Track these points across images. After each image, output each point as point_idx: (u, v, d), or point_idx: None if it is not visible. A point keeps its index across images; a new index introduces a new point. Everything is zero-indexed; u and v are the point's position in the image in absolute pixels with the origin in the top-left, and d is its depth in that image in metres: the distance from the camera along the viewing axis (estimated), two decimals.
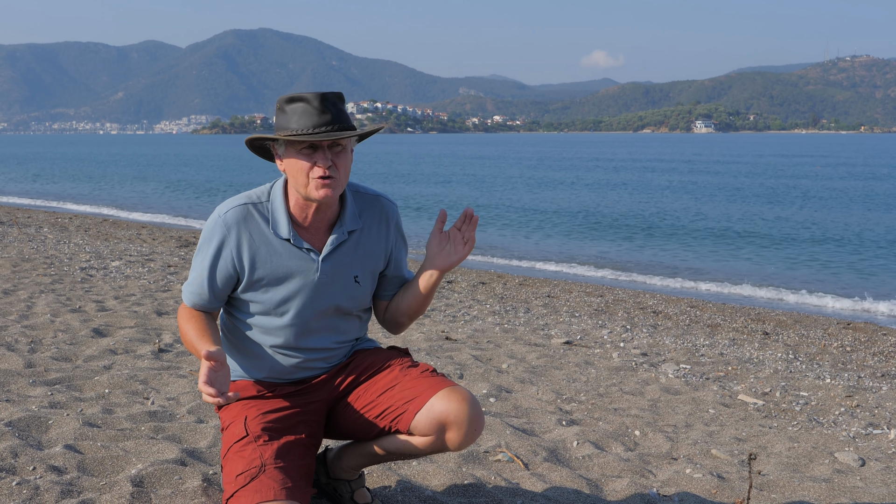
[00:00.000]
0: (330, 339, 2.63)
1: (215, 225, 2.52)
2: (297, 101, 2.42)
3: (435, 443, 2.53)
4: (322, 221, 2.55)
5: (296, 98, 2.43)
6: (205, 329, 2.47)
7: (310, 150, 2.41)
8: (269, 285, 2.52)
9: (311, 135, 2.37)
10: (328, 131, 2.39)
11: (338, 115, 2.42)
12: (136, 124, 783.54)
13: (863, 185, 34.91)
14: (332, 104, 2.42)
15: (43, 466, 2.96)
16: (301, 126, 2.39)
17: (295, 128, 2.40)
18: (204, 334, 2.45)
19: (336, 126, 2.41)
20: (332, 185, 2.42)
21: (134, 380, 4.30)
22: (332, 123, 2.40)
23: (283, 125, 2.43)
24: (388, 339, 5.87)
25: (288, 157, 2.44)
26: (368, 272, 2.63)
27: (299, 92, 2.46)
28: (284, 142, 2.44)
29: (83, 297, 6.82)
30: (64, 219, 16.60)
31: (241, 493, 2.29)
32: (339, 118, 2.42)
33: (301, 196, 2.48)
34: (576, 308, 8.64)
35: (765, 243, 16.91)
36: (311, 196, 2.43)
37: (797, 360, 6.48)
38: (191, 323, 2.50)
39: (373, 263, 2.63)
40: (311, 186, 2.42)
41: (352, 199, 2.60)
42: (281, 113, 2.45)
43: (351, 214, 2.58)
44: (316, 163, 2.40)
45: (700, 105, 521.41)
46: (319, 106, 2.40)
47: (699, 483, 3.44)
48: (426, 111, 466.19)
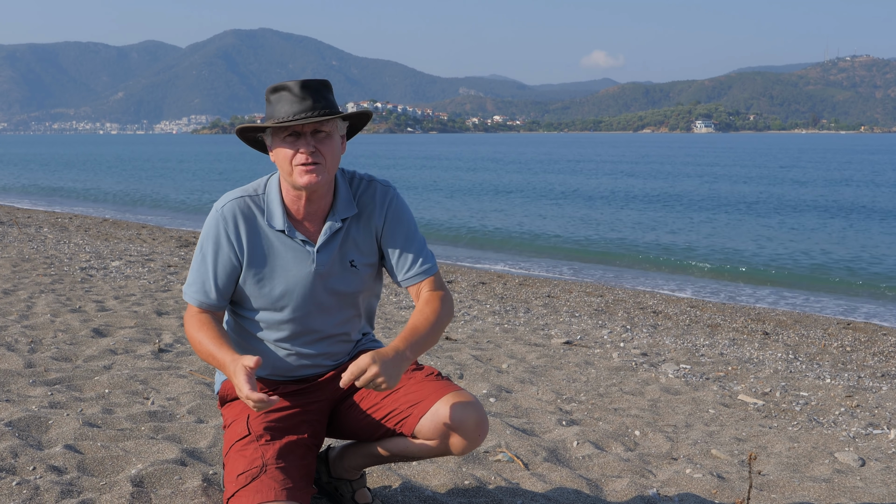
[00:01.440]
0: (332, 332, 2.61)
1: (214, 219, 2.52)
2: (280, 90, 2.42)
3: (439, 447, 2.52)
4: (316, 212, 2.53)
5: (279, 87, 2.43)
6: (219, 337, 2.44)
7: (293, 138, 2.41)
8: (267, 277, 2.52)
9: (291, 122, 2.36)
10: (308, 117, 2.38)
11: (319, 100, 2.41)
12: (137, 124, 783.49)
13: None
14: (313, 90, 2.41)
15: (43, 466, 2.95)
16: (283, 114, 2.39)
17: (278, 116, 2.39)
18: (221, 343, 2.41)
19: (318, 112, 2.39)
20: (315, 171, 2.40)
21: (134, 380, 4.30)
22: (314, 109, 2.39)
23: (270, 115, 2.43)
24: (390, 339, 5.87)
25: (275, 146, 2.45)
26: (366, 255, 2.60)
27: (284, 81, 2.46)
28: (271, 132, 2.45)
29: (83, 297, 6.82)
30: (64, 219, 16.60)
31: (242, 493, 2.29)
32: (322, 104, 2.41)
33: (289, 185, 2.48)
34: (576, 308, 8.65)
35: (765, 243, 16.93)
36: (297, 183, 2.42)
37: (797, 360, 6.48)
38: (203, 332, 2.46)
39: (368, 247, 2.59)
40: (295, 174, 2.41)
41: (345, 187, 2.57)
42: (268, 104, 2.46)
43: (344, 202, 2.55)
44: (299, 149, 2.40)
45: (700, 105, 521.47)
46: (300, 93, 2.39)
47: (699, 483, 3.44)
48: (426, 111, 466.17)
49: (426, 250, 2.63)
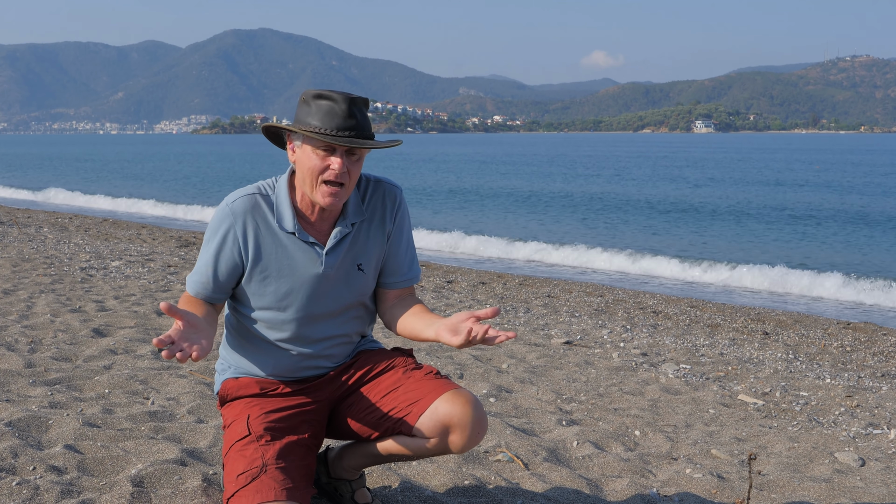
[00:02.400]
0: (333, 333, 2.62)
1: (223, 213, 2.50)
2: (325, 99, 2.38)
3: (438, 445, 2.53)
4: (327, 217, 2.54)
5: (324, 95, 2.39)
6: (194, 308, 2.44)
7: (326, 152, 2.38)
8: (273, 277, 2.51)
9: (333, 136, 2.34)
10: (351, 136, 2.36)
11: (362, 121, 2.39)
12: (136, 124, 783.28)
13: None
14: (358, 110, 2.39)
15: (43, 466, 2.95)
16: (325, 125, 2.36)
17: (318, 125, 2.36)
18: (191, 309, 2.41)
19: (358, 133, 2.37)
20: (339, 194, 2.41)
21: (134, 380, 4.30)
22: (356, 129, 2.37)
23: (304, 119, 2.39)
24: (389, 339, 5.87)
25: (303, 152, 2.42)
26: (373, 259, 2.61)
27: (329, 90, 2.42)
28: (303, 136, 2.42)
29: (83, 297, 6.82)
30: (64, 219, 16.60)
31: (242, 493, 2.29)
32: (363, 126, 2.38)
33: (307, 194, 2.47)
34: (576, 308, 8.64)
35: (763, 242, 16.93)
36: (317, 200, 2.42)
37: (797, 360, 6.48)
38: (187, 306, 2.48)
39: (377, 250, 2.61)
40: (318, 191, 2.40)
41: (355, 191, 2.58)
42: (305, 106, 2.41)
43: (354, 207, 2.56)
44: (330, 166, 2.38)
45: (700, 105, 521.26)
46: (346, 109, 2.36)
47: (699, 483, 3.44)
48: (426, 111, 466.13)
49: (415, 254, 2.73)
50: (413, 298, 2.69)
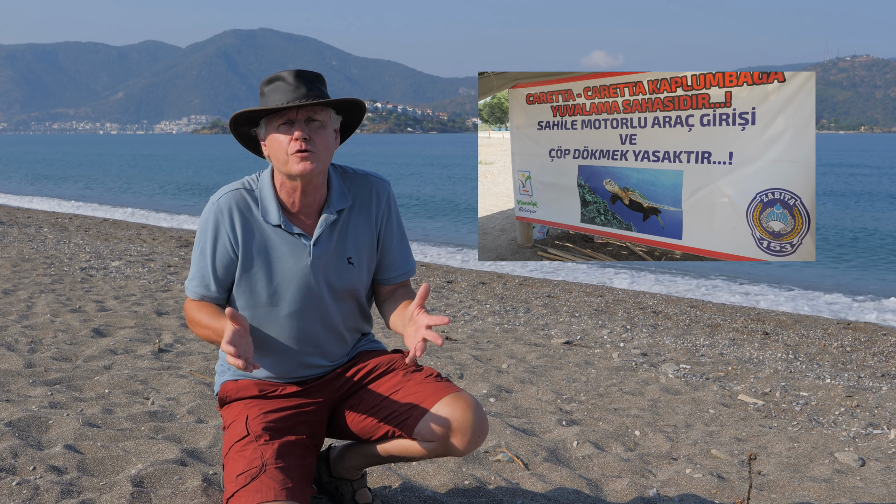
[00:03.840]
0: (327, 330, 2.61)
1: (211, 211, 2.54)
2: (275, 81, 2.46)
3: (438, 448, 2.52)
4: (311, 206, 2.54)
5: (273, 78, 2.47)
6: (217, 312, 2.48)
7: (287, 126, 2.43)
8: (262, 271, 2.52)
9: (286, 106, 2.38)
10: (303, 103, 2.40)
11: (313, 89, 2.43)
12: (136, 124, 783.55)
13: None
14: (307, 80, 2.44)
15: (43, 466, 2.95)
16: (277, 102, 2.41)
17: (272, 105, 2.42)
18: (218, 315, 2.45)
19: (312, 99, 2.41)
20: (310, 158, 2.41)
21: (134, 380, 4.30)
22: (307, 97, 2.41)
23: (263, 106, 2.46)
24: (389, 340, 5.87)
25: (268, 135, 2.46)
26: (364, 252, 2.60)
27: (278, 71, 2.49)
28: (265, 122, 2.47)
29: (83, 297, 6.82)
30: (64, 219, 16.60)
31: (242, 493, 2.29)
32: (316, 93, 2.43)
33: (284, 175, 2.48)
34: (576, 308, 8.64)
35: None
36: (292, 171, 2.43)
37: (797, 360, 6.48)
38: (202, 311, 2.49)
39: (366, 242, 2.61)
40: (290, 162, 2.42)
41: (338, 180, 2.59)
42: (262, 96, 2.49)
43: (338, 194, 2.57)
44: (293, 137, 2.41)
45: None
46: (294, 81, 2.42)
47: (699, 483, 3.44)
48: (426, 111, 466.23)
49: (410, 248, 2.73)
50: (403, 292, 2.67)
